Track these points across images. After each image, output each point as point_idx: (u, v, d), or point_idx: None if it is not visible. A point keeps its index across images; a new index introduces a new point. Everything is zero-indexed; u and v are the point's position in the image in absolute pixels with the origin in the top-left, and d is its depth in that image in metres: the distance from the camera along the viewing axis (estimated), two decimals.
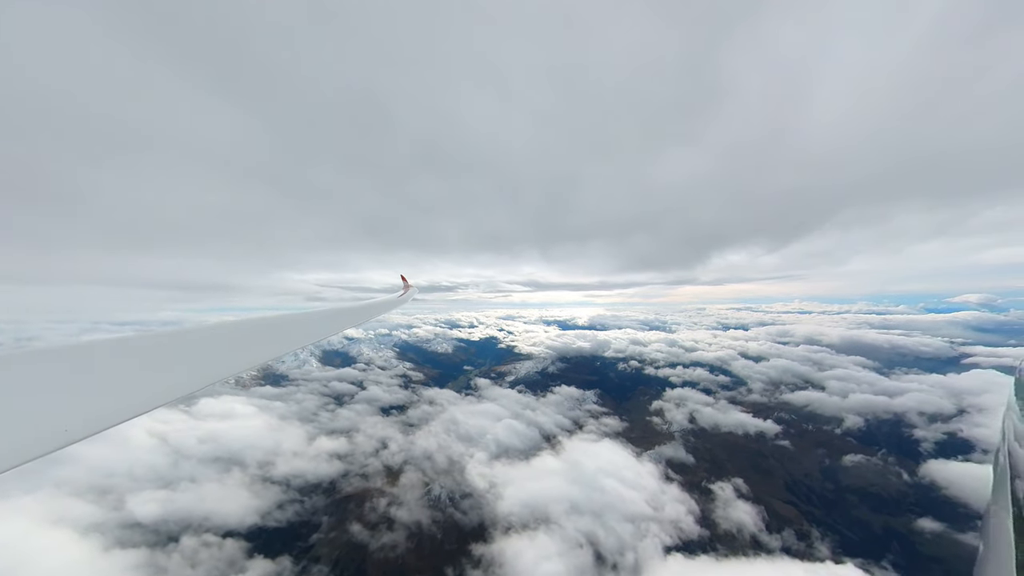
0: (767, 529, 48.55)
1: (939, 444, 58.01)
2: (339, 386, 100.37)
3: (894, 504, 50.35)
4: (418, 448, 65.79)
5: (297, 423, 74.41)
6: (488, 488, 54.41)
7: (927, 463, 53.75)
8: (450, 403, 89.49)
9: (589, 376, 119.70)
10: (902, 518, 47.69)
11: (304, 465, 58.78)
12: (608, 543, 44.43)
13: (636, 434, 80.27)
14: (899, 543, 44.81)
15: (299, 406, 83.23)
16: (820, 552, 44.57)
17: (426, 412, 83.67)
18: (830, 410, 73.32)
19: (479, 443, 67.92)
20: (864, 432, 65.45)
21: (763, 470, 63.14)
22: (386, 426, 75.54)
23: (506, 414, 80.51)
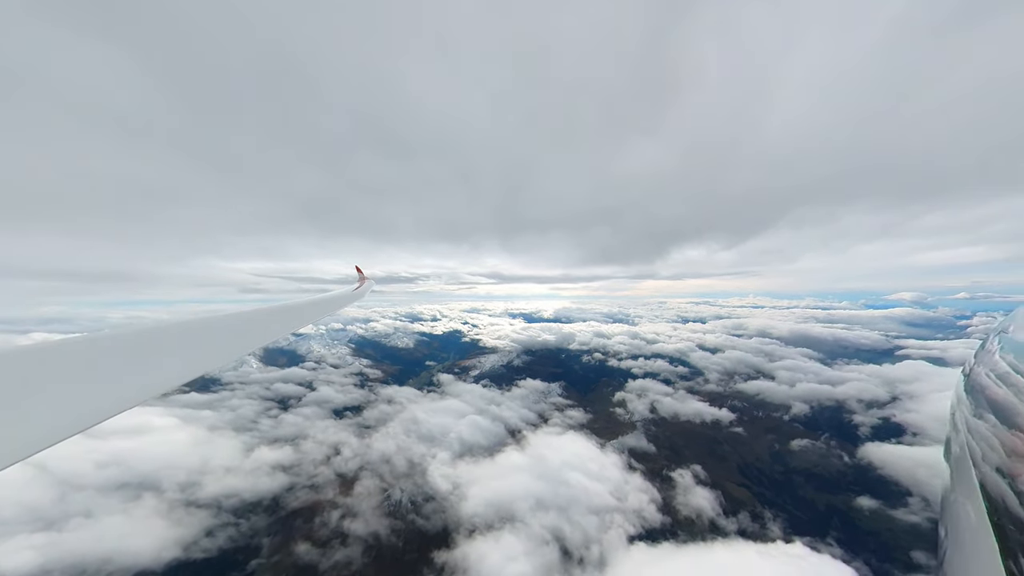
0: (724, 513, 50.19)
1: (875, 428, 64.40)
2: (284, 388, 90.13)
3: (836, 484, 54.33)
4: (375, 452, 60.43)
5: (231, 433, 64.97)
6: (452, 490, 51.36)
7: (864, 446, 59.16)
8: (411, 401, 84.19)
9: (554, 369, 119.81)
10: (843, 496, 51.49)
11: (239, 482, 51.18)
12: (574, 538, 43.52)
13: (600, 425, 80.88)
14: (840, 520, 48.17)
15: (234, 414, 73.06)
16: (772, 532, 46.68)
17: (384, 412, 77.73)
18: (779, 398, 78.57)
19: (442, 442, 64.30)
20: (809, 418, 70.83)
21: (719, 456, 65.87)
22: (339, 430, 68.80)
23: (470, 410, 77.45)
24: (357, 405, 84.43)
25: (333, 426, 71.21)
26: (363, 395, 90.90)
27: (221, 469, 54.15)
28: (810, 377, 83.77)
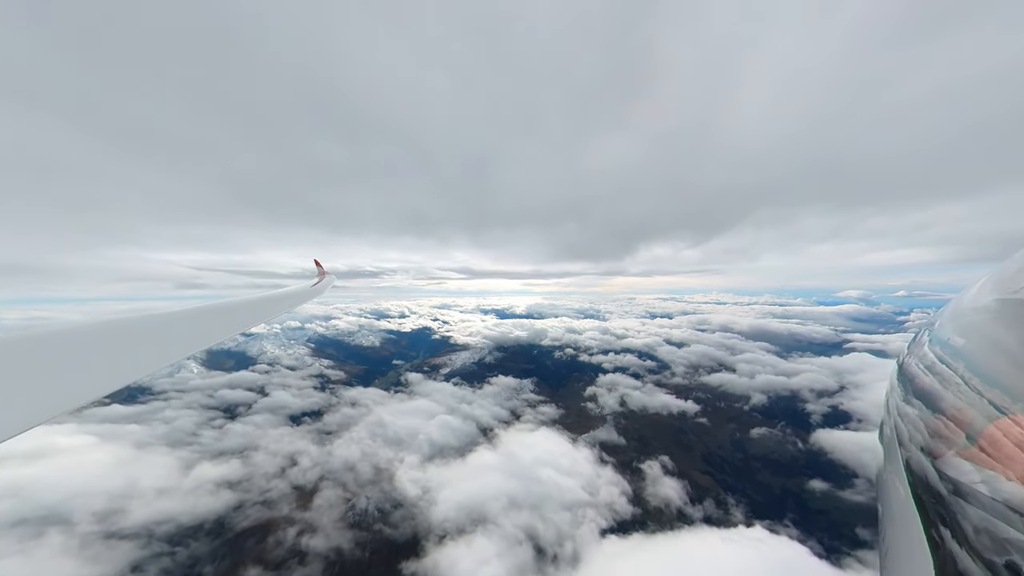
0: (690, 501, 52.13)
1: (825, 416, 69.90)
2: (231, 394, 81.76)
3: (790, 468, 58.21)
4: (337, 460, 56.51)
5: (165, 449, 57.78)
6: (421, 495, 49.15)
7: (816, 432, 63.92)
8: (377, 403, 79.86)
9: (526, 365, 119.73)
10: (797, 480, 55.23)
11: (175, 505, 45.45)
12: (547, 535, 43.19)
13: (571, 420, 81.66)
14: (795, 502, 51.61)
15: (168, 427, 64.93)
16: (735, 518, 49.04)
17: (347, 416, 73.09)
18: (740, 389, 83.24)
19: (410, 445, 61.39)
20: (767, 407, 75.65)
21: (684, 445, 68.56)
22: (296, 438, 63.60)
23: (440, 410, 75.01)
24: (317, 410, 78.67)
25: (289, 434, 65.50)
26: (324, 398, 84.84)
27: (152, 492, 47.64)
28: (768, 369, 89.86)
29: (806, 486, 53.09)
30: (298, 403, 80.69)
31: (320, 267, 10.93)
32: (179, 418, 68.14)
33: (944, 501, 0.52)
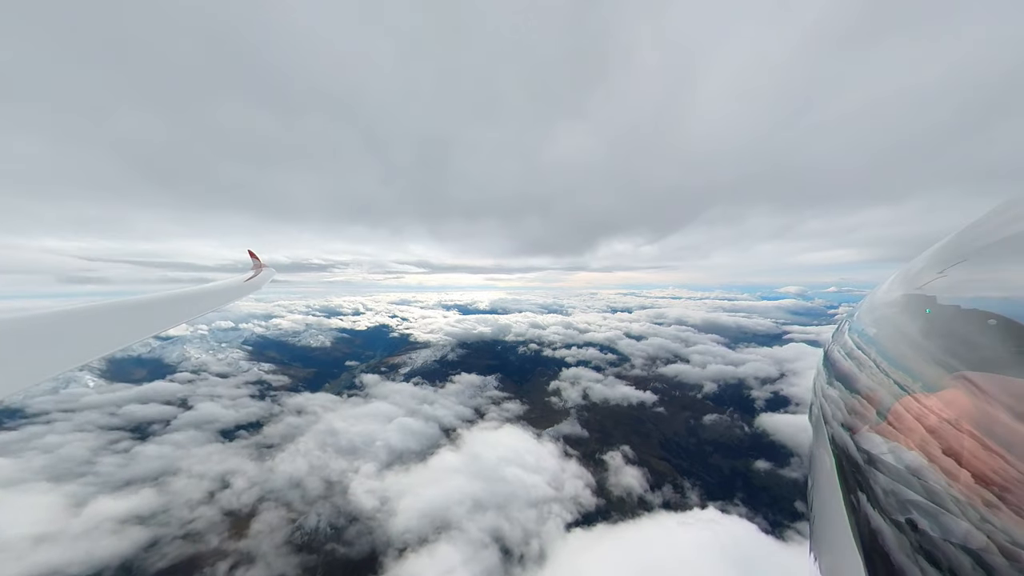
0: (650, 488, 54.71)
1: (768, 401, 77.09)
2: (141, 411, 70.23)
3: (738, 451, 63.37)
4: (280, 476, 51.08)
5: (46, 486, 47.82)
6: (379, 506, 45.95)
7: (760, 416, 70.25)
8: (327, 409, 73.85)
9: (491, 361, 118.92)
10: (743, 461, 60.25)
11: (63, 552, 37.91)
12: (513, 535, 42.69)
13: (536, 415, 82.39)
14: (742, 481, 56.24)
15: (51, 456, 53.96)
16: (691, 500, 52.28)
17: (292, 426, 66.48)
18: (693, 379, 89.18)
19: (366, 453, 57.41)
20: (717, 395, 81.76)
21: (643, 434, 72.03)
22: (229, 455, 56.36)
23: (400, 412, 71.30)
24: (255, 421, 70.70)
25: (219, 451, 57.76)
26: (263, 408, 76.51)
27: (27, 540, 39.38)
28: (718, 359, 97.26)
29: (752, 466, 58.14)
30: (231, 415, 71.64)
31: (256, 259, 10.01)
32: (66, 444, 56.63)
33: (860, 469, 0.62)
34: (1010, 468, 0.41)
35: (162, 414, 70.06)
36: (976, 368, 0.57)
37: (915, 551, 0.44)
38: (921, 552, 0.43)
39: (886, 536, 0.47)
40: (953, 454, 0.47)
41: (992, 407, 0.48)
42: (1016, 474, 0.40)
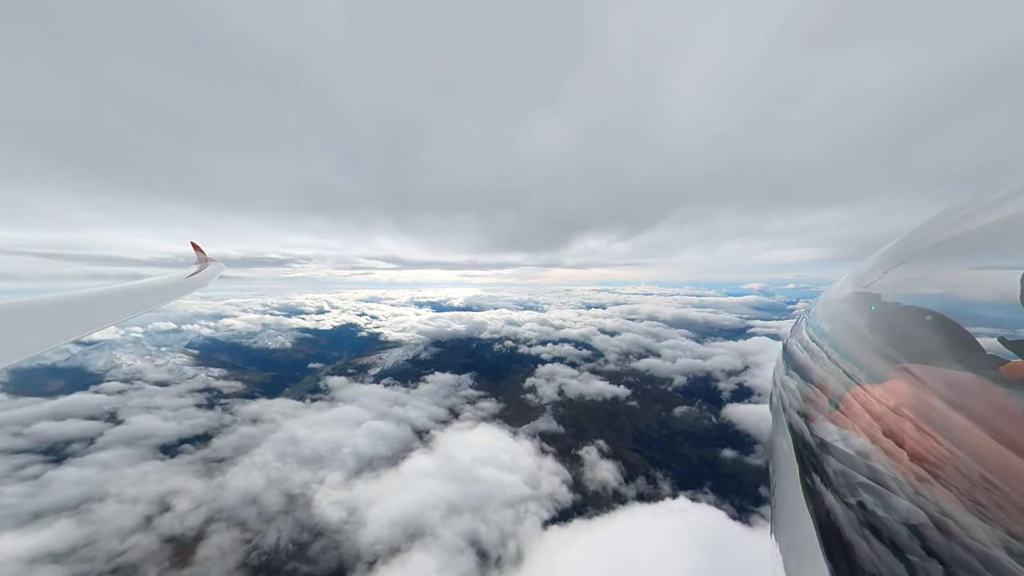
0: (624, 481, 56.15)
1: (733, 392, 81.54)
2: (57, 428, 61.12)
3: (706, 440, 66.54)
4: (232, 493, 46.79)
5: None
6: (347, 517, 43.48)
7: (726, 407, 74.11)
8: (288, 416, 68.97)
9: (465, 359, 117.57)
10: (711, 450, 63.31)
11: None
12: (490, 538, 42.04)
13: (512, 413, 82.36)
14: (710, 470, 59.10)
15: None
16: (663, 491, 54.22)
17: (246, 437, 61.17)
18: (664, 372, 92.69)
19: (332, 461, 54.28)
20: (687, 387, 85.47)
21: (617, 428, 73.95)
22: (170, 473, 50.94)
23: (369, 416, 68.11)
24: (202, 433, 64.34)
25: (158, 470, 51.93)
26: (212, 418, 69.86)
27: None
28: (687, 353, 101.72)
29: (719, 455, 61.23)
30: (172, 428, 64.50)
31: (200, 252, 9.26)
32: None
33: (814, 453, 0.71)
34: (941, 448, 0.46)
35: (84, 431, 61.45)
36: (915, 360, 0.70)
37: (863, 526, 0.50)
38: (868, 527, 0.50)
39: (838, 514, 0.55)
40: (894, 438, 0.55)
41: (928, 395, 0.56)
42: (946, 453, 0.45)
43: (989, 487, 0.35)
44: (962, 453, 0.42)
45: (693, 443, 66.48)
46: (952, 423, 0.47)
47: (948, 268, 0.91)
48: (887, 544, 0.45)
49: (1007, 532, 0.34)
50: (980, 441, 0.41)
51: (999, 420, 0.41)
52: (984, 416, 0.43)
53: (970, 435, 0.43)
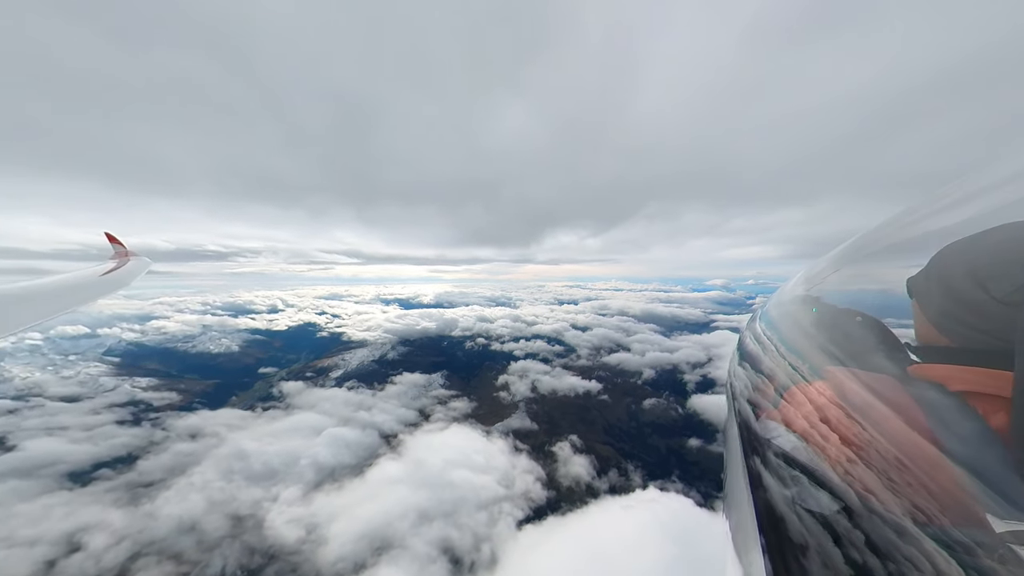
0: (597, 474, 57.70)
1: (698, 383, 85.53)
2: None
3: (673, 430, 69.95)
4: (165, 521, 41.62)
5: None
6: (305, 536, 40.64)
7: (691, 398, 77.83)
8: (235, 428, 63.09)
9: (436, 358, 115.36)
10: (678, 440, 66.61)
11: None
12: (463, 543, 41.29)
13: (484, 411, 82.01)
14: (677, 459, 62.19)
15: None
16: (634, 482, 56.30)
17: (182, 455, 54.59)
18: (634, 366, 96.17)
19: (288, 475, 50.60)
20: (655, 380, 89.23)
21: (589, 422, 75.85)
22: (81, 505, 44.00)
23: (330, 422, 64.43)
24: (124, 455, 56.38)
25: (66, 502, 44.43)
26: (138, 436, 61.56)
27: None
28: (655, 347, 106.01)
29: (686, 444, 64.56)
30: (84, 451, 55.37)
31: (118, 244, 8.12)
32: None
33: (758, 439, 0.81)
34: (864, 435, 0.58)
35: None
36: (847, 355, 0.83)
37: (794, 503, 0.59)
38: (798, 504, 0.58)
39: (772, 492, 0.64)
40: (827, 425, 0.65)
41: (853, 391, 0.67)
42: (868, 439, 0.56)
43: (900, 467, 0.49)
44: (881, 439, 0.55)
45: (661, 434, 69.63)
46: (871, 415, 0.59)
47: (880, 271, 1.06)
48: (816, 518, 0.54)
49: (912, 504, 0.44)
50: (894, 429, 0.55)
51: (907, 412, 0.56)
52: (896, 409, 0.57)
53: (886, 425, 0.56)
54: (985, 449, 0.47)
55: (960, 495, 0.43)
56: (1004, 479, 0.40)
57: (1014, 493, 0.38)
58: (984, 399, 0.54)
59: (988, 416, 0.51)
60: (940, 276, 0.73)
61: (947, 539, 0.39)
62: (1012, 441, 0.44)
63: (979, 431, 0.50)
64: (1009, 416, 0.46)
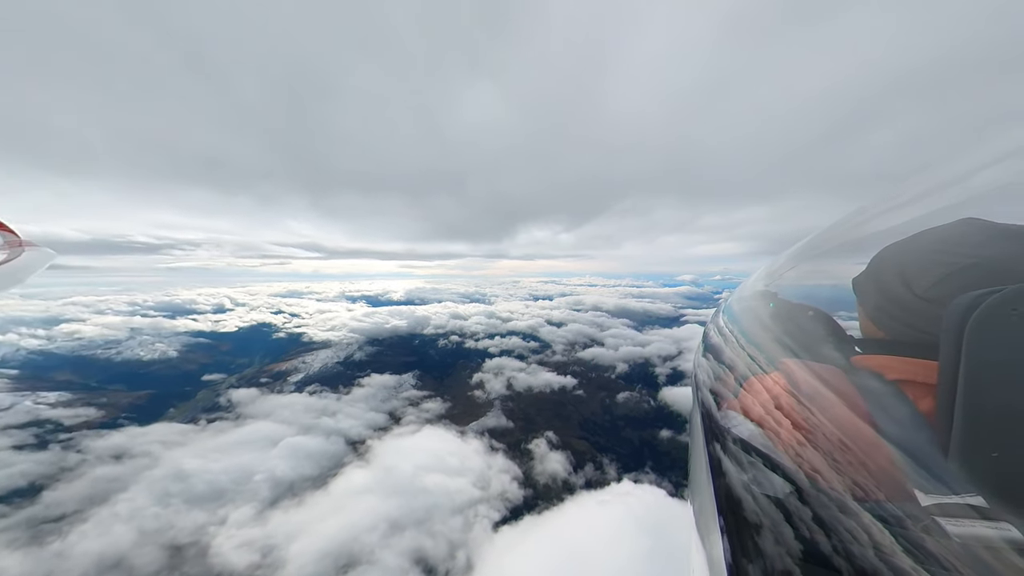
0: (573, 470, 58.56)
1: (668, 376, 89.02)
2: None
3: (645, 422, 72.42)
4: (79, 560, 36.63)
5: None
6: (260, 560, 37.75)
7: (662, 390, 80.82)
8: (172, 445, 56.41)
9: (407, 358, 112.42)
10: (650, 431, 69.06)
11: None
12: (437, 551, 40.20)
13: (459, 411, 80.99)
14: (649, 450, 64.45)
15: None
16: (610, 475, 57.69)
17: (102, 480, 47.87)
18: (608, 360, 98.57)
19: (239, 494, 46.49)
20: (628, 374, 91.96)
21: (564, 417, 76.96)
22: None
23: (289, 432, 60.05)
24: (25, 486, 49.05)
25: None
26: (44, 461, 53.00)
27: None
28: (628, 341, 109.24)
29: (658, 436, 67.02)
30: None
31: (8, 232, 6.24)
32: None
33: (719, 426, 0.88)
34: (812, 419, 0.65)
35: None
36: (799, 349, 0.93)
37: (750, 486, 0.64)
38: (755, 485, 0.64)
39: (731, 477, 0.70)
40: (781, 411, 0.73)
41: (804, 380, 0.76)
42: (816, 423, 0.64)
43: (843, 449, 0.56)
44: (827, 424, 0.62)
45: (634, 426, 71.87)
46: (819, 402, 0.67)
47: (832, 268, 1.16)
48: (770, 498, 0.59)
49: (853, 482, 0.51)
50: (838, 415, 0.62)
51: (850, 399, 0.64)
52: (841, 396, 0.65)
53: (832, 411, 0.64)
54: (914, 432, 0.55)
55: (893, 473, 0.51)
56: (930, 458, 0.49)
57: (938, 470, 0.46)
58: (914, 386, 0.62)
59: (918, 401, 0.60)
60: (876, 274, 0.85)
61: (882, 512, 0.45)
62: (937, 424, 0.51)
63: (910, 415, 0.58)
64: (935, 401, 0.54)
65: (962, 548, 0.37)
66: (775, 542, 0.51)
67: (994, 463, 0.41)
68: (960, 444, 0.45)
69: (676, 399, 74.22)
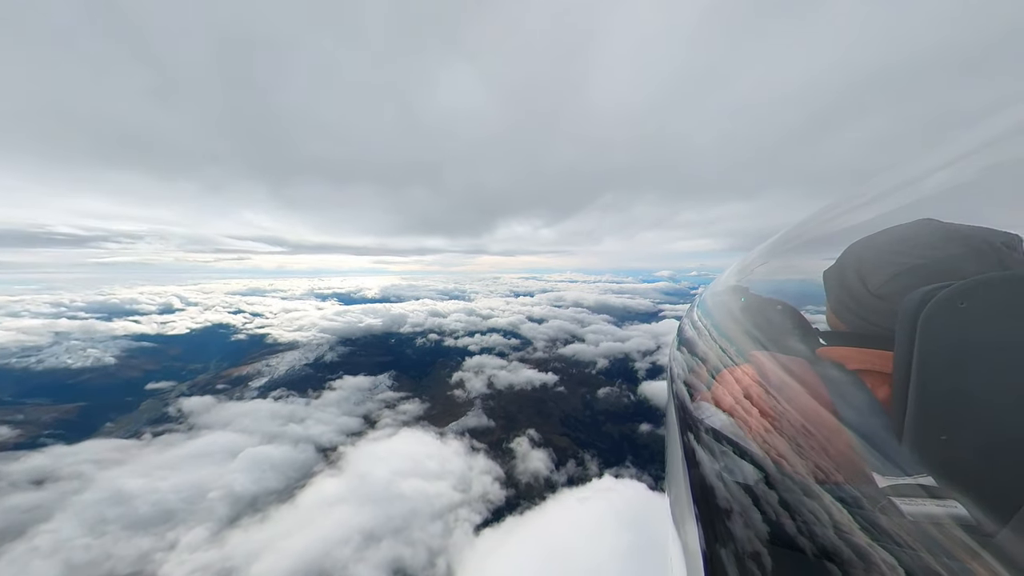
0: (555, 467, 58.78)
1: (648, 371, 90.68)
2: None
3: (625, 417, 73.80)
4: None
5: None
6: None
7: (642, 384, 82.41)
8: (109, 464, 51.32)
9: (382, 358, 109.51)
10: (630, 426, 70.38)
11: None
12: (416, 560, 38.97)
13: (438, 412, 79.61)
14: (629, 444, 65.69)
15: None
16: (592, 471, 58.29)
17: (15, 513, 42.43)
18: (588, 356, 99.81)
19: (191, 514, 42.99)
20: (609, 369, 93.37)
21: (546, 414, 77.30)
22: None
23: (250, 442, 56.37)
24: None
25: None
26: None
27: None
28: (608, 337, 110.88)
29: (637, 430, 68.34)
30: None
31: None
32: None
33: (693, 418, 0.91)
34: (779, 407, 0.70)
35: None
36: (768, 342, 0.99)
37: (721, 474, 0.69)
38: (727, 472, 0.68)
39: (705, 466, 0.73)
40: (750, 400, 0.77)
41: (772, 371, 0.81)
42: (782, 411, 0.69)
43: (807, 435, 0.61)
44: (793, 412, 0.67)
45: (615, 421, 73.08)
46: (786, 392, 0.72)
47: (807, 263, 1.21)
48: (740, 485, 0.63)
49: (815, 466, 0.56)
50: (803, 404, 0.68)
51: (815, 388, 0.70)
52: (806, 386, 0.70)
53: (797, 400, 0.69)
54: (872, 418, 0.61)
55: (853, 457, 0.56)
56: (885, 442, 0.54)
57: (892, 454, 0.51)
58: (872, 376, 0.69)
59: (875, 390, 0.66)
60: (840, 270, 0.92)
61: (842, 494, 0.50)
62: (892, 410, 0.57)
63: (868, 403, 0.65)
64: (891, 389, 0.60)
65: (914, 525, 0.41)
66: (745, 526, 0.55)
67: (943, 445, 0.46)
68: (912, 429, 0.50)
69: (655, 393, 76.04)
